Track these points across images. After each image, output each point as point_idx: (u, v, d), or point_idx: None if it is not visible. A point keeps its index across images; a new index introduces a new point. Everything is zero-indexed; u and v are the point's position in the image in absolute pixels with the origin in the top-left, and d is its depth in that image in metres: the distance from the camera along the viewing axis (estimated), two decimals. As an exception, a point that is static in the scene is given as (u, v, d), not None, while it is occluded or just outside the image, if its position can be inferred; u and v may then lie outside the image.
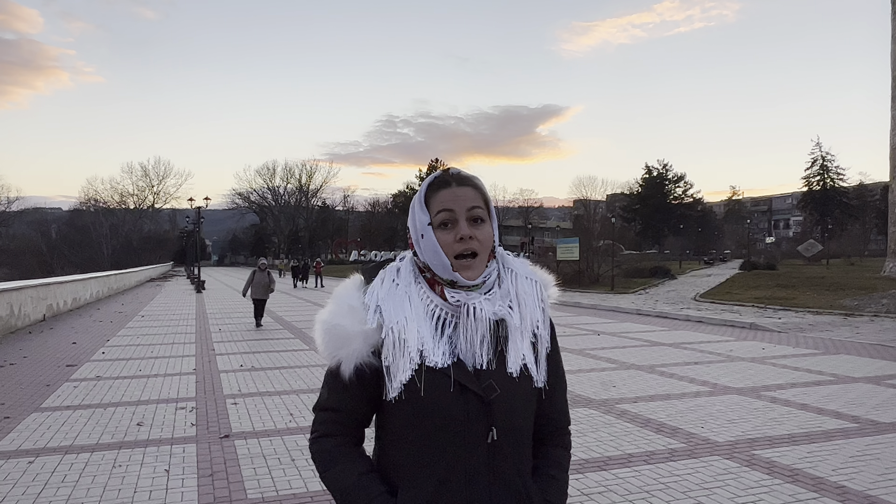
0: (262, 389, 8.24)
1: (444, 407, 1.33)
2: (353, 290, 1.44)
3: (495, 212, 1.50)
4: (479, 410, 1.34)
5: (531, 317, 1.45)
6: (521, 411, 1.40)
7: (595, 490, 4.63)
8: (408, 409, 1.35)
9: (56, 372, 9.66)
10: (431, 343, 1.36)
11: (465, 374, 1.35)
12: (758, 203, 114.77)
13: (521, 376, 1.40)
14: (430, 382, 1.34)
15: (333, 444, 1.43)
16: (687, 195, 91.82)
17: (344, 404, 1.43)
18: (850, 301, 20.73)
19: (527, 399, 1.42)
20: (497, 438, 1.35)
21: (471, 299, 1.38)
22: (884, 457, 5.32)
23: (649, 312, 18.96)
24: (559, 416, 1.55)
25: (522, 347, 1.42)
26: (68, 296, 21.81)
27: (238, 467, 5.17)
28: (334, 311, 1.41)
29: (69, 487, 4.72)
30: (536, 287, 1.50)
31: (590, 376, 8.92)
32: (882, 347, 11.64)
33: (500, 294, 1.43)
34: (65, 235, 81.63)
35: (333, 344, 1.39)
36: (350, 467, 1.40)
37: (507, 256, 1.52)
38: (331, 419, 1.44)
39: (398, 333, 1.36)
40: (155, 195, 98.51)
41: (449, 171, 1.46)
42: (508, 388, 1.37)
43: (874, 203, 79.50)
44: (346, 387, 1.39)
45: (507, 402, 1.36)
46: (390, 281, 1.43)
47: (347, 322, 1.38)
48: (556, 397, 1.52)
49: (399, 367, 1.35)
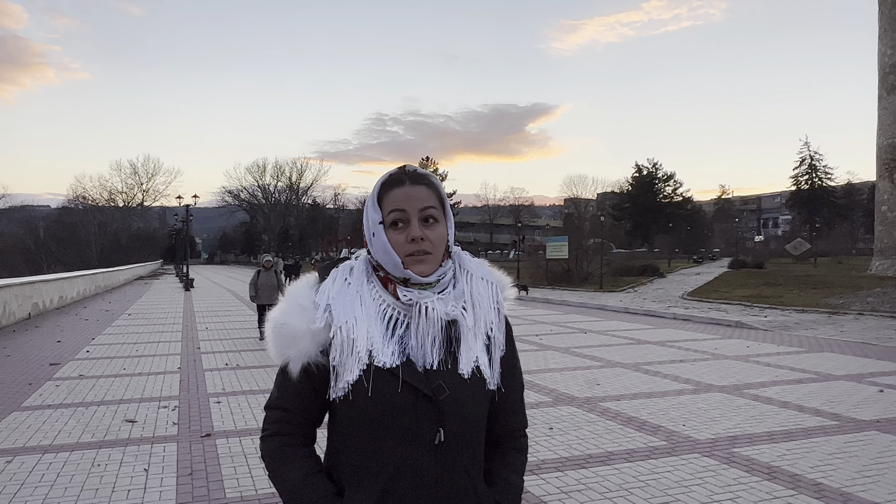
0: (246, 388, 8.21)
1: (392, 407, 1.32)
2: (306, 289, 1.43)
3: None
4: (427, 411, 1.33)
5: (485, 318, 1.43)
6: (471, 413, 1.38)
7: (574, 488, 4.64)
8: (355, 409, 1.34)
9: (39, 371, 9.59)
10: (381, 343, 1.35)
11: (413, 373, 1.34)
12: (747, 202, 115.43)
13: (474, 378, 1.38)
14: (378, 382, 1.32)
15: (282, 444, 1.42)
16: (677, 194, 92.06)
17: (293, 403, 1.41)
18: (835, 299, 20.88)
19: (478, 401, 1.40)
20: (445, 440, 1.34)
21: (423, 298, 1.37)
22: (861, 454, 5.37)
23: (637, 311, 19.03)
24: (514, 418, 1.53)
25: (475, 349, 1.40)
26: (54, 294, 21.66)
27: (218, 466, 5.15)
28: (284, 309, 1.40)
29: (46, 487, 4.69)
30: (492, 288, 1.47)
31: (574, 374, 8.95)
32: (865, 345, 11.74)
33: (454, 294, 1.42)
34: (53, 233, 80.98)
35: (282, 343, 1.38)
36: (297, 467, 1.39)
37: (464, 256, 1.50)
38: (280, 418, 1.43)
39: (346, 333, 1.34)
40: (144, 193, 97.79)
41: (404, 169, 1.44)
42: (459, 389, 1.36)
43: (862, 202, 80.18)
44: (295, 386, 1.39)
45: (456, 403, 1.35)
46: (342, 280, 1.41)
47: (296, 321, 1.37)
48: (511, 399, 1.50)
49: (346, 366, 1.33)
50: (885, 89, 32.42)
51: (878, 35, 33.31)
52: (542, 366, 9.58)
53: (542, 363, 9.82)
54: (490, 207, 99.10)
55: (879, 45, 33.15)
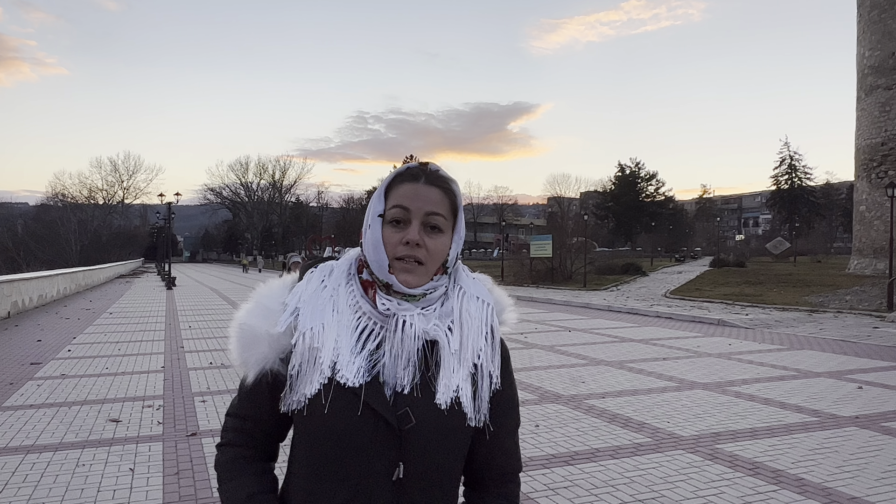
0: (231, 387, 8.17)
1: (348, 431, 1.17)
2: (277, 289, 1.30)
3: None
4: (387, 441, 1.17)
5: (473, 343, 1.25)
6: (440, 449, 1.21)
7: (560, 485, 4.68)
8: (310, 428, 1.20)
9: (20, 370, 9.48)
10: (347, 356, 1.19)
11: (378, 396, 1.18)
12: (728, 201, 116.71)
13: (452, 410, 1.20)
14: (338, 401, 1.17)
15: (234, 456, 1.29)
16: (659, 193, 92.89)
17: (250, 413, 1.29)
18: (815, 298, 21.16)
19: (452, 436, 1.22)
20: (403, 476, 1.18)
21: (403, 311, 1.21)
22: (842, 450, 5.46)
23: (620, 309, 19.17)
24: (505, 460, 1.35)
25: (457, 377, 1.22)
26: (34, 292, 21.38)
27: (205, 465, 5.13)
28: (251, 310, 1.27)
29: (30, 487, 4.64)
30: (486, 310, 1.30)
31: (560, 372, 9.00)
32: (844, 343, 11.92)
33: (440, 312, 1.25)
34: (31, 231, 79.79)
35: (241, 346, 1.25)
36: (244, 484, 1.26)
37: (462, 273, 1.32)
38: (237, 427, 1.30)
39: (310, 341, 1.20)
40: (125, 190, 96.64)
41: (426, 166, 1.28)
42: (430, 420, 1.19)
43: (840, 202, 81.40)
44: (251, 394, 1.27)
45: (424, 435, 1.18)
46: (318, 281, 1.27)
47: (258, 323, 1.24)
48: (502, 439, 1.33)
49: (306, 378, 1.19)
50: (863, 91, 32.89)
51: (857, 37, 33.79)
52: (528, 364, 9.63)
53: (526, 361, 9.86)
54: (474, 206, 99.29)
55: (858, 46, 33.63)
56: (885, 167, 30.91)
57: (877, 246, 30.72)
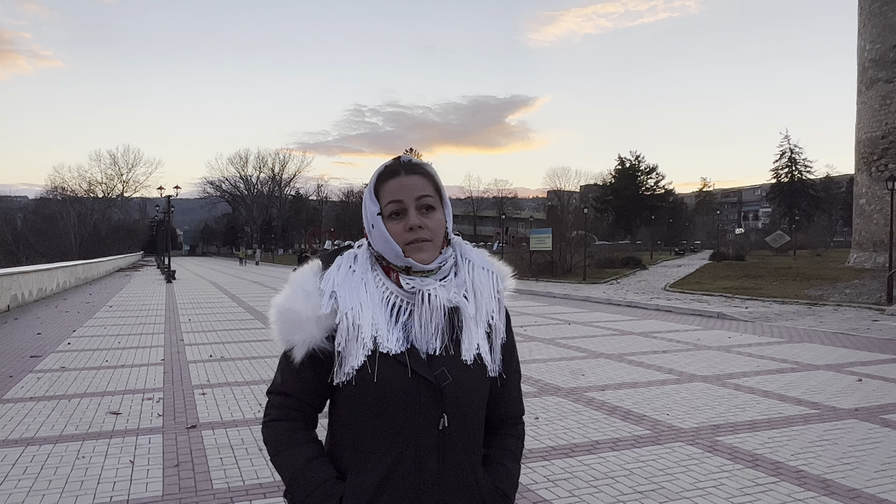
0: (230, 380, 8.18)
1: (396, 393, 1.34)
2: (310, 275, 1.44)
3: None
4: (430, 397, 1.35)
5: (486, 306, 1.46)
6: (473, 399, 1.41)
7: (560, 476, 4.69)
8: (359, 395, 1.35)
9: (20, 363, 9.48)
10: (385, 329, 1.37)
11: (418, 360, 1.36)
12: (728, 195, 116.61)
13: (475, 364, 1.41)
14: (383, 369, 1.34)
15: (284, 429, 1.44)
16: (659, 186, 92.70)
17: (296, 389, 1.43)
18: (815, 291, 21.18)
19: (479, 387, 1.43)
20: (448, 425, 1.36)
21: (426, 286, 1.40)
22: (841, 442, 5.46)
23: (620, 302, 19.17)
24: (513, 405, 1.56)
25: (477, 336, 1.43)
26: (34, 286, 21.38)
27: (204, 457, 5.13)
28: (290, 295, 1.42)
29: (30, 479, 4.64)
30: (492, 278, 1.51)
31: (559, 365, 9.01)
32: (843, 336, 11.92)
33: (455, 282, 1.44)
34: (31, 224, 79.82)
35: (287, 329, 1.39)
36: (300, 452, 1.41)
37: (465, 245, 1.52)
38: (283, 403, 1.45)
39: (352, 319, 1.36)
40: (124, 184, 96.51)
41: (399, 160, 1.46)
42: (461, 375, 1.38)
43: (840, 195, 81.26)
44: (299, 371, 1.41)
45: (459, 389, 1.37)
46: (347, 267, 1.43)
47: (302, 307, 1.38)
48: (510, 387, 1.53)
49: (351, 352, 1.36)
50: (864, 84, 32.82)
51: (858, 30, 33.68)
52: (528, 356, 9.63)
53: (526, 354, 9.87)
54: (474, 199, 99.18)
55: (859, 39, 33.53)
56: (886, 160, 30.88)
57: (877, 239, 30.71)
